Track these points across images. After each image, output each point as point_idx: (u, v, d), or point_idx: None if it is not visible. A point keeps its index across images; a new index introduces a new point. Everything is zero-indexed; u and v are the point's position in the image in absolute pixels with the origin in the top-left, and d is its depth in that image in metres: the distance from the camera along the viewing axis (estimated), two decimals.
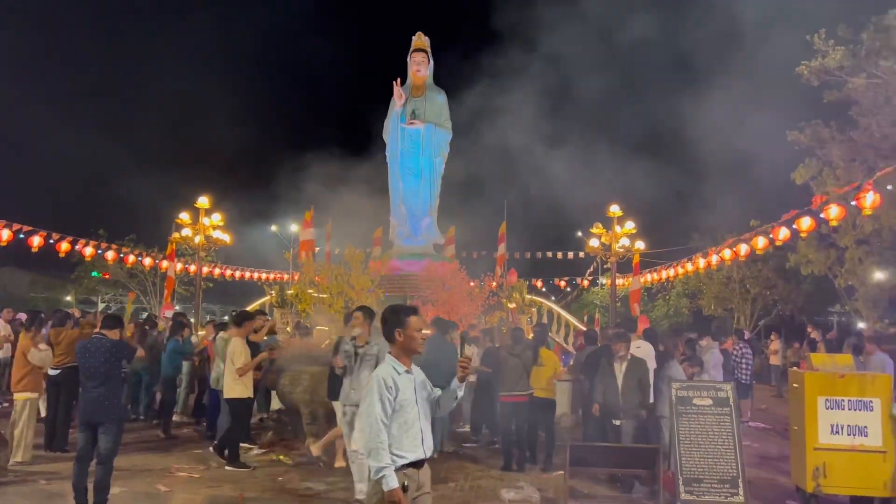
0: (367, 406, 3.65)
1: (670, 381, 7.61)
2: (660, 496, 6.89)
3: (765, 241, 13.59)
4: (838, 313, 33.19)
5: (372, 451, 3.58)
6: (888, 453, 6.63)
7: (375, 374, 3.72)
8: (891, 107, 11.95)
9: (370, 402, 3.65)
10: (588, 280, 33.22)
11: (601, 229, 17.46)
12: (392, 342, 3.84)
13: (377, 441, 3.57)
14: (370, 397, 3.65)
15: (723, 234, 23.65)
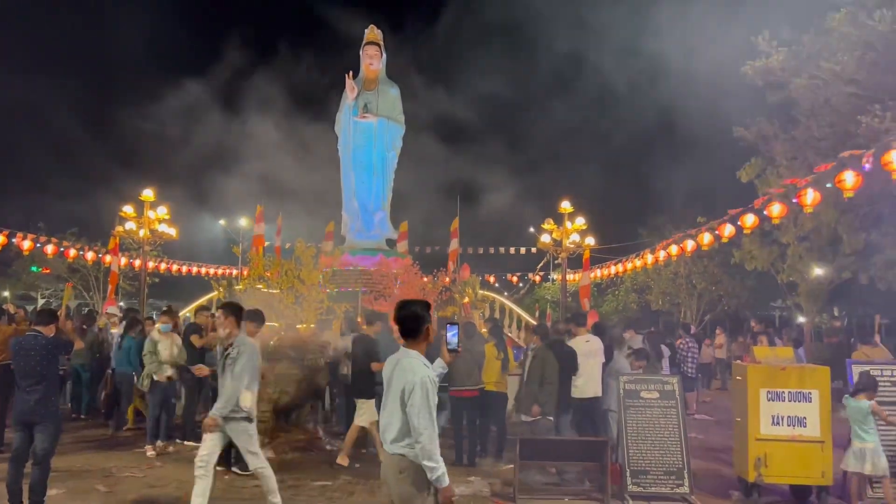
0: (420, 408, 3.63)
1: (618, 375, 7.71)
2: (607, 488, 6.97)
3: (710, 238, 13.89)
4: (780, 308, 34.27)
5: (430, 453, 3.61)
6: (825, 443, 6.84)
7: (421, 377, 3.67)
8: (830, 107, 12.33)
9: (424, 405, 3.64)
10: (539, 275, 33.55)
11: (552, 225, 17.61)
12: (417, 338, 3.84)
13: (434, 443, 3.62)
14: (423, 399, 3.64)
15: (670, 230, 24.14)
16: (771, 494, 7.18)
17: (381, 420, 3.89)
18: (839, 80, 11.61)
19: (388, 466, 3.79)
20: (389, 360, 3.94)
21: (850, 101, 11.82)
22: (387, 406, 3.81)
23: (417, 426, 3.62)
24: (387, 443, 3.79)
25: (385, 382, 3.89)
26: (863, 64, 11.26)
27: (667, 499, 7.04)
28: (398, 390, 3.72)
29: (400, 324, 3.88)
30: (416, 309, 3.86)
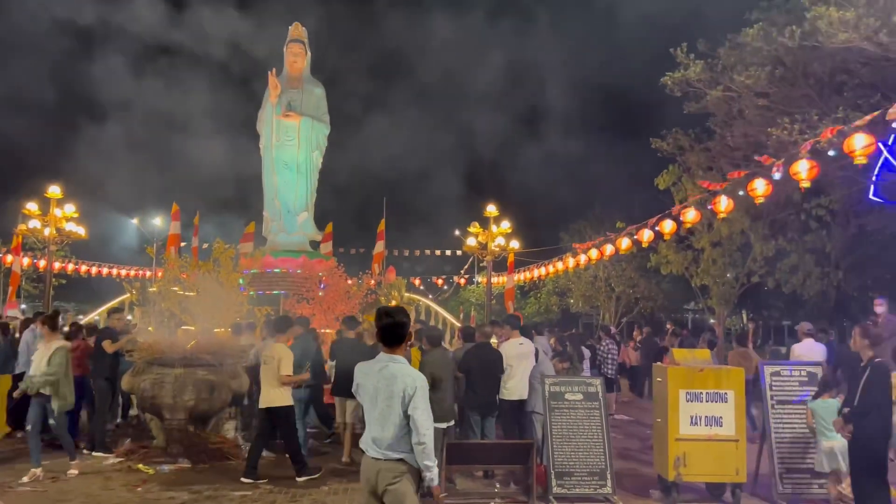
0: (424, 409, 3.86)
1: (542, 377, 7.77)
2: (532, 491, 7.00)
3: (629, 242, 14.29)
4: (693, 310, 35.69)
5: (430, 453, 3.84)
6: (740, 441, 7.08)
7: (420, 380, 3.92)
8: (743, 119, 12.90)
9: (426, 406, 3.89)
10: (465, 278, 33.74)
11: (478, 228, 17.72)
12: (400, 345, 4.04)
13: (433, 443, 3.88)
14: (425, 401, 3.88)
15: (590, 234, 24.72)
16: (689, 492, 7.36)
17: (370, 426, 3.97)
18: (751, 93, 12.16)
19: (381, 471, 3.88)
20: (366, 366, 4.09)
21: (762, 113, 12.40)
22: (377, 412, 3.92)
23: (421, 427, 3.81)
24: (380, 448, 3.90)
25: (365, 389, 4.01)
26: (773, 78, 11.83)
27: (590, 499, 7.12)
28: (395, 395, 3.85)
29: (387, 331, 4.01)
30: (401, 317, 4.02)
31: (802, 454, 7.38)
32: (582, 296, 30.25)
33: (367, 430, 4.03)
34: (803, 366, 7.90)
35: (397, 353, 4.01)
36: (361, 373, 4.10)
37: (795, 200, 16.81)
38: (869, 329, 6.22)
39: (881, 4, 9.43)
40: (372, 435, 3.94)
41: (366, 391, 4.01)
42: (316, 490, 7.39)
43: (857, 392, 5.93)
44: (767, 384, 7.66)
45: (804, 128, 10.92)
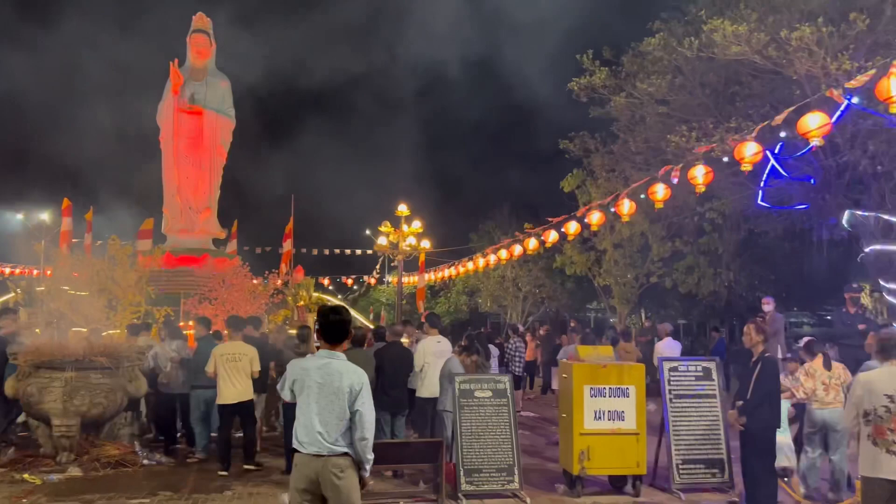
0: (371, 405, 4.04)
1: (451, 376, 7.80)
2: (442, 489, 7.01)
3: (536, 243, 14.60)
4: (596, 309, 36.87)
5: (371, 447, 4.02)
6: (640, 435, 7.35)
7: (365, 377, 4.06)
8: (644, 125, 13.43)
9: (370, 403, 4.05)
10: (375, 278, 33.55)
11: (389, 228, 17.64)
12: (342, 342, 4.17)
13: (373, 437, 4.05)
14: (369, 399, 4.04)
15: (499, 235, 25.10)
16: (592, 485, 7.58)
17: (311, 422, 3.96)
18: (653, 101, 12.68)
19: (326, 466, 3.92)
20: (304, 362, 4.14)
21: (662, 119, 12.95)
22: (320, 407, 3.96)
23: (367, 423, 3.95)
24: (326, 442, 3.93)
25: (305, 385, 4.02)
26: (673, 87, 12.38)
27: (498, 495, 7.20)
28: (342, 391, 3.94)
29: (332, 328, 4.11)
30: (345, 315, 4.18)
31: (698, 446, 7.72)
32: (490, 295, 30.67)
33: (304, 426, 4.00)
34: (699, 361, 8.28)
35: (338, 349, 4.11)
36: (299, 368, 4.12)
37: (691, 204, 17.65)
38: (763, 325, 6.59)
39: (771, 21, 10.05)
40: (317, 430, 3.94)
41: (306, 387, 4.02)
42: (219, 496, 7.14)
43: (749, 385, 6.26)
44: (666, 379, 7.97)
45: (700, 135, 11.48)
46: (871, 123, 10.41)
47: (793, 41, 9.57)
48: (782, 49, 9.86)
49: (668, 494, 7.43)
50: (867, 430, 4.45)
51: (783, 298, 28.69)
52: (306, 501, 3.96)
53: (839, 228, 12.46)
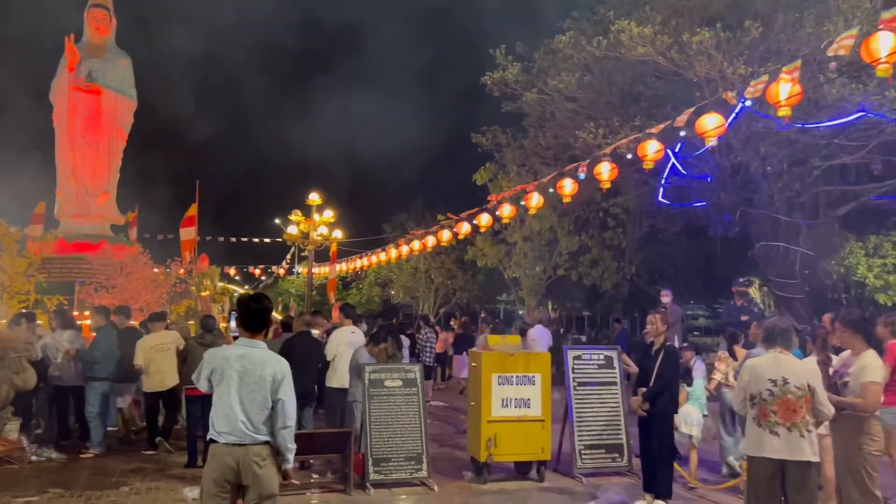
0: (293, 395, 4.05)
1: (360, 366, 7.76)
2: (349, 478, 6.98)
3: (449, 235, 14.71)
4: (505, 301, 37.55)
5: (293, 436, 4.02)
6: (545, 421, 7.56)
7: (287, 366, 4.08)
8: (554, 121, 13.75)
9: (292, 392, 4.04)
10: (285, 268, 32.88)
11: (300, 217, 17.31)
12: (262, 331, 4.17)
13: (295, 426, 4.07)
14: (291, 387, 4.04)
15: (412, 227, 25.13)
16: (499, 472, 7.73)
17: (233, 411, 3.90)
18: (562, 97, 12.99)
19: (247, 456, 3.88)
20: (223, 351, 4.10)
21: (571, 116, 13.30)
22: (240, 396, 3.91)
23: (289, 412, 3.96)
24: (248, 431, 3.90)
25: (225, 373, 3.94)
26: (582, 84, 12.73)
27: (406, 484, 7.24)
28: (265, 379, 3.93)
29: (251, 316, 4.08)
30: (266, 303, 4.16)
31: (600, 432, 8.02)
32: (403, 287, 30.70)
33: (224, 416, 3.93)
34: (601, 350, 8.59)
35: (259, 337, 4.10)
36: (219, 357, 4.05)
37: (597, 200, 18.25)
38: (666, 316, 6.91)
39: (674, 24, 10.50)
40: (240, 419, 3.89)
41: (226, 376, 3.96)
42: (115, 492, 6.84)
43: (652, 373, 6.54)
44: (570, 367, 8.22)
45: (607, 132, 11.86)
46: (762, 126, 11.06)
47: (693, 45, 10.03)
48: (684, 52, 10.33)
49: (570, 479, 7.67)
50: (753, 412, 4.74)
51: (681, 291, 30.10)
52: (222, 492, 3.89)
53: (733, 225, 13.18)
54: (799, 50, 9.02)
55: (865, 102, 9.75)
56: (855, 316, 5.33)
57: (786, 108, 6.90)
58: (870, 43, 5.86)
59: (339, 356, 8.30)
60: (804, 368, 4.75)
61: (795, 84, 6.84)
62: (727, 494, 7.02)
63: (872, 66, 5.91)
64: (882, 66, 5.78)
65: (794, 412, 4.59)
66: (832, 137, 11.01)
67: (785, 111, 6.94)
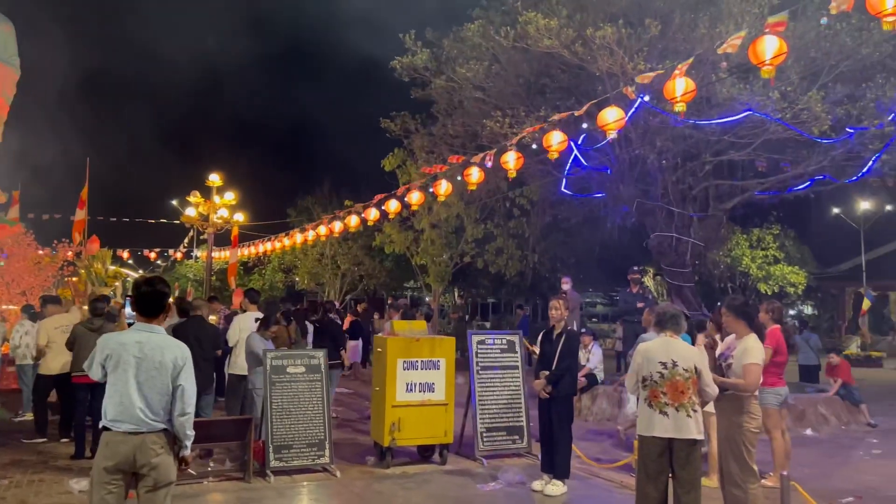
0: (193, 380, 3.95)
1: (256, 353, 7.60)
2: (249, 466, 6.84)
3: (357, 220, 14.58)
4: (412, 288, 37.66)
5: (192, 423, 3.91)
6: (449, 405, 7.66)
7: (188, 351, 3.97)
8: (463, 110, 13.84)
9: (193, 378, 3.95)
10: (182, 252, 31.62)
11: (199, 198, 16.68)
12: (159, 315, 4.02)
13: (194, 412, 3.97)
14: (192, 373, 3.95)
15: (318, 212, 24.75)
16: (402, 456, 7.77)
17: (130, 399, 3.79)
18: (471, 86, 13.09)
19: (144, 445, 3.78)
20: (119, 336, 3.98)
21: (479, 105, 13.42)
22: (138, 382, 3.80)
23: (190, 397, 3.88)
24: (146, 419, 3.80)
25: (122, 359, 3.83)
26: (490, 74, 12.86)
27: (308, 470, 7.16)
28: (165, 365, 3.83)
29: (144, 300, 3.97)
30: (160, 287, 4.01)
31: (501, 415, 8.20)
32: (308, 273, 30.22)
33: (120, 403, 3.79)
34: (504, 335, 8.77)
35: (157, 322, 4.00)
36: (115, 343, 3.89)
37: (503, 189, 18.57)
38: (567, 301, 7.14)
39: (578, 18, 10.77)
40: (138, 406, 3.79)
41: (122, 362, 3.82)
42: None
43: (553, 357, 6.74)
44: (474, 352, 8.35)
45: (513, 122, 12.06)
46: (658, 121, 11.55)
47: (597, 39, 10.33)
48: (588, 46, 10.62)
49: (472, 461, 7.82)
50: (644, 393, 4.98)
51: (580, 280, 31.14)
52: (114, 481, 3.75)
53: (630, 216, 13.71)
54: (694, 49, 9.46)
55: (752, 102, 10.35)
56: (739, 302, 5.67)
57: (681, 104, 7.23)
58: (757, 46, 6.23)
59: (241, 342, 8.11)
60: (692, 351, 5.02)
61: (689, 80, 7.19)
62: (620, 472, 7.35)
63: (759, 67, 6.28)
64: (767, 67, 6.16)
65: (682, 393, 4.84)
66: (722, 134, 11.63)
67: (681, 106, 7.27)
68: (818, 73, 10.57)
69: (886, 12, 5.25)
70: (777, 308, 7.49)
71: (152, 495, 3.80)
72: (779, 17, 6.12)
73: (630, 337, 11.76)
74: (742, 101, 10.46)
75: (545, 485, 6.66)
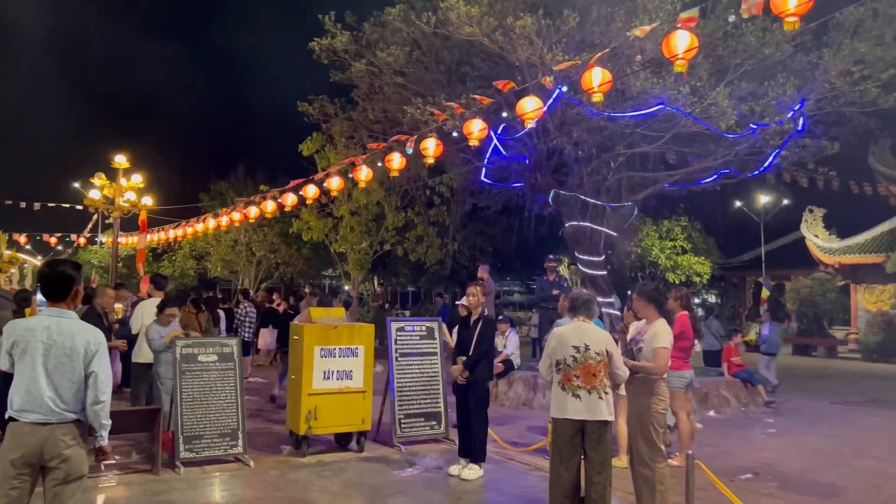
0: (108, 367, 3.80)
1: (157, 340, 7.34)
2: (157, 458, 6.59)
3: (274, 206, 14.21)
4: (331, 276, 37.21)
5: (108, 411, 3.76)
6: (367, 393, 7.61)
7: (102, 336, 3.81)
8: (383, 95, 13.68)
9: (107, 364, 3.80)
10: (86, 237, 30.04)
11: (105, 181, 15.87)
12: (66, 299, 3.80)
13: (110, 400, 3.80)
14: (106, 359, 3.79)
15: (232, 197, 24.00)
16: (318, 444, 7.68)
17: (38, 387, 3.60)
18: (391, 71, 12.94)
19: (53, 436, 3.59)
20: (26, 322, 3.79)
21: (399, 91, 13.29)
22: (46, 370, 3.62)
23: (104, 385, 3.71)
24: (56, 408, 3.61)
25: (30, 346, 3.64)
26: (411, 59, 12.74)
27: (220, 461, 6.97)
28: (76, 351, 3.66)
29: (50, 284, 3.79)
30: (64, 268, 3.84)
31: (419, 401, 8.22)
32: (221, 260, 29.33)
33: (27, 392, 3.59)
34: (423, 322, 8.78)
35: (66, 307, 3.80)
36: (22, 329, 3.68)
37: (423, 177, 18.55)
38: (484, 288, 7.21)
39: (499, 7, 10.82)
40: (47, 395, 3.60)
41: (30, 349, 3.61)
42: None
43: (470, 343, 6.80)
44: (393, 339, 8.33)
45: (434, 109, 12.01)
46: (575, 113, 11.77)
47: (517, 29, 10.41)
48: (508, 35, 10.68)
49: (390, 448, 7.81)
50: (558, 377, 5.08)
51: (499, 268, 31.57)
52: (21, 475, 3.54)
53: (547, 206, 13.94)
54: (610, 42, 9.68)
55: (664, 96, 10.70)
56: (649, 287, 5.87)
57: (598, 94, 7.39)
58: (669, 40, 6.43)
59: (144, 328, 7.80)
60: (603, 335, 5.16)
61: (605, 71, 7.35)
62: (535, 455, 7.50)
63: (672, 61, 6.48)
64: (679, 61, 6.37)
65: (594, 376, 4.97)
66: (635, 127, 11.97)
67: (598, 97, 7.43)
68: (725, 70, 11.02)
69: (788, 12, 5.50)
70: (685, 295, 7.81)
71: (62, 489, 3.59)
72: (690, 13, 6.33)
73: (545, 323, 12.02)
74: (655, 95, 10.78)
75: (462, 469, 6.73)
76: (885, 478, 7.00)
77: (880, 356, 23.24)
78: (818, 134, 12.34)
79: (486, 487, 6.50)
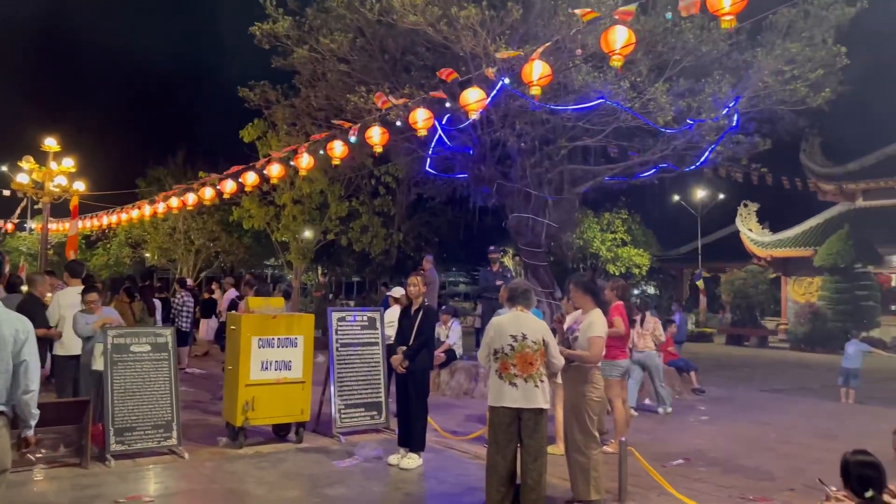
0: (36, 356, 3.67)
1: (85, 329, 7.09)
2: (86, 451, 6.38)
3: (213, 193, 13.87)
4: (273, 266, 36.66)
5: (36, 401, 3.67)
6: (306, 383, 7.53)
7: (30, 324, 3.69)
8: (326, 82, 13.48)
9: (37, 353, 3.70)
10: (14, 223, 28.75)
11: (34, 164, 15.21)
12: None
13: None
14: (36, 348, 3.68)
15: (170, 183, 23.36)
16: (256, 436, 7.57)
17: None
18: (335, 58, 12.76)
19: None
20: None
21: (343, 78, 13.12)
22: None
23: (34, 374, 3.61)
24: None
25: None
26: (355, 47, 12.59)
27: (154, 453, 6.80)
28: (5, 341, 3.52)
29: None
30: None
31: (360, 391, 8.18)
32: (158, 248, 28.56)
33: None
34: (365, 312, 8.74)
35: None
36: None
37: (368, 166, 18.42)
38: (426, 277, 7.22)
39: None
40: None
41: None
42: None
43: (412, 332, 6.79)
44: (334, 329, 8.26)
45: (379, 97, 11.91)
46: (518, 105, 11.85)
47: (461, 19, 10.40)
48: (452, 25, 10.66)
49: (329, 438, 7.76)
50: (496, 365, 5.13)
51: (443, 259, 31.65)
52: None
53: (491, 197, 14.02)
54: (553, 35, 9.76)
55: (605, 91, 10.87)
56: (585, 278, 5.98)
57: (537, 88, 7.45)
58: (608, 35, 6.52)
59: (63, 320, 7.51)
60: (540, 325, 5.23)
61: (545, 64, 7.41)
62: (474, 444, 7.57)
63: (609, 56, 6.58)
64: (616, 57, 6.47)
65: (531, 364, 5.04)
66: (577, 120, 12.13)
67: (536, 90, 7.49)
68: (664, 66, 11.27)
69: (724, 11, 5.64)
70: (621, 286, 7.99)
71: None
72: (628, 8, 6.43)
73: (488, 313, 12.10)
74: (596, 90, 10.94)
75: (401, 458, 6.73)
76: (806, 462, 7.32)
77: (807, 346, 24.32)
78: (751, 131, 12.75)
79: (424, 476, 6.52)
